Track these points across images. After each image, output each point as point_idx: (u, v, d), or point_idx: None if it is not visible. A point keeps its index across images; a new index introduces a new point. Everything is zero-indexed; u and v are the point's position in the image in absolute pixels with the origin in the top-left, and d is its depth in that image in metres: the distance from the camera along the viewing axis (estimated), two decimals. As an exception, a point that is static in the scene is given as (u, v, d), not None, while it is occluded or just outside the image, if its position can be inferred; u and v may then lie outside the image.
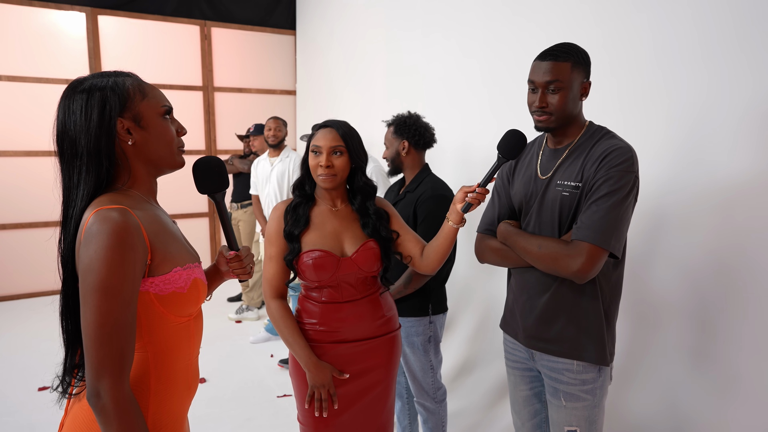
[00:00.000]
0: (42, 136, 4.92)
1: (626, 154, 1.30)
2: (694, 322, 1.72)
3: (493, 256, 1.55)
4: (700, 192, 1.68)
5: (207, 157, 1.10)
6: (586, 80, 1.38)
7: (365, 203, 1.58)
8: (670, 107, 1.81)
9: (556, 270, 1.33)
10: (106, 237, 0.86)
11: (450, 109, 3.16)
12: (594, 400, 1.41)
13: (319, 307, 1.53)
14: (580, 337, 1.39)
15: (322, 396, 1.49)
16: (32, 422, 2.73)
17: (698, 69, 1.73)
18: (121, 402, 0.87)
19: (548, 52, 1.36)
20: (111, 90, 0.96)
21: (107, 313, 0.86)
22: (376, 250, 1.54)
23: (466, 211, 1.41)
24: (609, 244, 1.27)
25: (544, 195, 1.42)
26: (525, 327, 1.49)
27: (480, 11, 2.86)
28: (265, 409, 2.89)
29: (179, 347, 1.03)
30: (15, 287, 4.99)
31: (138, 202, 0.99)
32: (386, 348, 1.60)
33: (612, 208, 1.27)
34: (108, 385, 0.86)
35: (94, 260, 0.86)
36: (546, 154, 1.48)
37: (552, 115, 1.37)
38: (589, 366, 1.40)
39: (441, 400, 2.10)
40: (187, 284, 1.01)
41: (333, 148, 1.49)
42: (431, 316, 2.03)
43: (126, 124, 0.97)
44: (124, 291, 0.88)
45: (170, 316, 0.99)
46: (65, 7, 4.89)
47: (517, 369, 1.59)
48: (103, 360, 0.86)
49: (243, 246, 1.20)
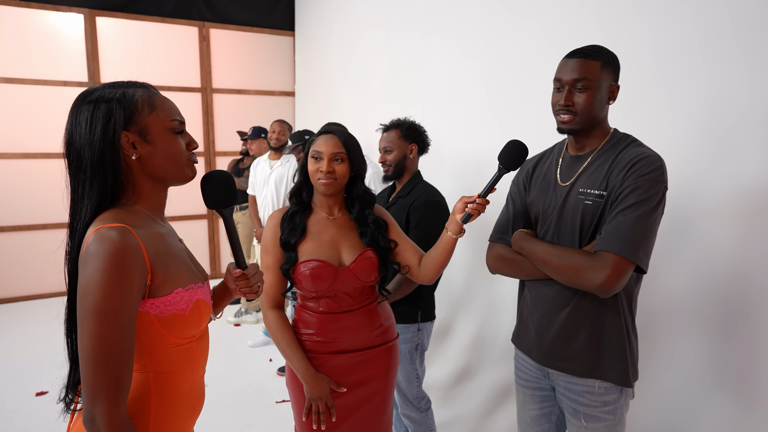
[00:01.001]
0: (40, 139, 4.91)
1: (656, 162, 1.22)
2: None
3: (506, 267, 1.47)
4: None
5: (216, 171, 1.06)
6: (615, 83, 1.31)
7: (364, 212, 1.56)
8: (670, 109, 1.79)
9: (577, 283, 1.24)
10: (103, 258, 0.84)
11: (450, 111, 3.14)
12: (615, 419, 1.33)
13: (316, 318, 1.51)
14: (602, 355, 1.31)
15: (320, 408, 1.47)
16: (29, 427, 2.71)
17: (698, 72, 1.70)
18: (116, 428, 0.85)
19: (578, 50, 1.30)
20: (117, 102, 0.93)
21: (103, 338, 0.84)
22: (374, 260, 1.52)
23: (465, 222, 1.38)
24: (636, 256, 1.19)
25: (565, 203, 1.34)
26: (541, 344, 1.40)
27: (480, 12, 2.84)
28: (264, 415, 2.86)
29: (182, 369, 1.01)
30: (13, 290, 4.97)
31: (142, 220, 0.96)
32: (384, 358, 1.58)
33: (640, 218, 1.19)
34: (102, 410, 0.84)
35: (90, 282, 0.84)
36: (566, 160, 1.40)
37: (577, 116, 1.29)
38: (611, 387, 1.31)
39: (425, 409, 2.08)
40: (189, 306, 0.98)
41: (334, 154, 1.47)
42: (420, 324, 2.01)
43: (131, 138, 0.95)
44: (121, 315, 0.86)
45: (171, 338, 0.97)
46: (63, 9, 4.87)
47: (527, 387, 1.51)
48: (98, 385, 0.84)
49: (251, 264, 1.15)
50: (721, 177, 1.63)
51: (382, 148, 2.10)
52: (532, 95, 2.47)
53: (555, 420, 1.51)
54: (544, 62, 2.38)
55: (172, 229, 1.12)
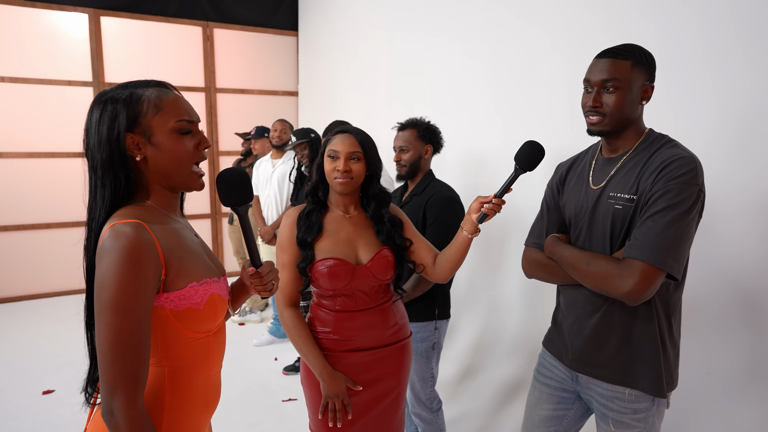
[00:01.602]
0: (44, 138, 4.91)
1: (689, 164, 1.17)
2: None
3: (539, 271, 1.44)
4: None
5: (232, 168, 1.07)
6: (649, 83, 1.27)
7: (380, 210, 1.57)
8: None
9: (605, 290, 1.21)
10: (118, 253, 0.86)
11: (454, 112, 3.15)
12: (646, 427, 1.29)
13: (332, 316, 1.52)
14: (633, 363, 1.28)
15: (336, 406, 1.48)
16: (37, 426, 2.71)
17: (703, 76, 1.71)
18: (134, 421, 0.87)
19: (608, 50, 1.26)
20: (123, 103, 0.95)
21: (120, 331, 0.86)
22: (390, 258, 1.53)
23: (481, 222, 1.39)
24: (666, 263, 1.14)
25: (596, 207, 1.31)
26: (573, 349, 1.38)
27: (484, 14, 2.85)
28: (270, 414, 2.87)
29: (198, 364, 1.02)
30: (16, 289, 4.97)
31: (156, 216, 0.98)
32: (398, 356, 1.59)
33: (670, 223, 1.14)
34: (121, 403, 0.86)
35: (107, 277, 0.86)
36: (599, 163, 1.37)
37: (606, 117, 1.26)
38: (642, 395, 1.28)
39: (437, 409, 2.08)
40: (204, 300, 0.99)
41: (351, 153, 1.48)
42: (437, 321, 2.02)
43: (136, 139, 0.96)
44: (137, 308, 0.87)
45: (187, 332, 0.98)
46: (68, 9, 4.87)
47: (547, 386, 1.49)
48: (117, 378, 0.86)
49: (266, 261, 1.15)
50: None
51: (397, 146, 2.09)
52: (537, 98, 2.49)
53: (565, 425, 1.48)
54: (549, 65, 2.40)
55: (187, 224, 1.13)
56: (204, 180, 1.05)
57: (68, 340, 3.95)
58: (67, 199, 5.03)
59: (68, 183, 5.01)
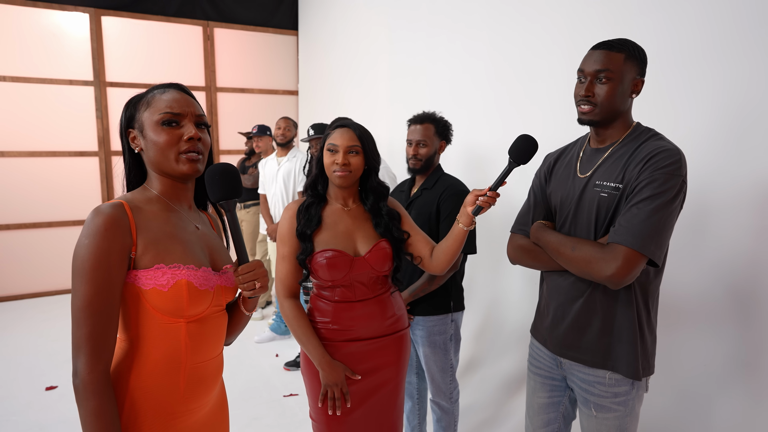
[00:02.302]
0: (45, 137, 4.94)
1: (674, 156, 1.22)
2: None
3: (524, 257, 1.49)
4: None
5: (219, 164, 1.07)
6: (640, 77, 1.31)
7: (378, 203, 1.59)
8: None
9: (589, 274, 1.26)
10: (89, 228, 0.96)
11: (455, 111, 3.17)
12: (626, 410, 1.34)
13: (332, 306, 1.55)
14: (613, 346, 1.32)
15: (335, 395, 1.50)
16: (40, 421, 2.74)
17: (700, 71, 1.74)
18: (95, 381, 0.93)
19: (603, 42, 1.31)
20: (128, 103, 1.11)
21: (84, 296, 0.94)
22: (388, 250, 1.55)
23: (476, 214, 1.42)
24: (648, 249, 1.19)
25: (582, 195, 1.36)
26: (556, 334, 1.43)
27: (485, 13, 2.87)
28: (272, 409, 2.90)
29: (169, 350, 1.03)
30: (18, 287, 5.00)
31: (150, 201, 1.08)
32: (396, 346, 1.62)
33: (654, 211, 1.19)
34: (83, 363, 0.94)
35: (78, 246, 0.96)
36: (587, 152, 1.42)
37: (596, 107, 1.30)
38: (622, 379, 1.33)
39: (456, 399, 2.12)
40: (170, 284, 1.01)
41: (350, 147, 1.50)
42: (453, 314, 2.05)
43: (134, 133, 1.10)
44: (100, 277, 0.95)
45: (156, 314, 1.01)
46: (69, 8, 4.90)
47: (539, 375, 1.54)
48: (80, 339, 0.94)
49: (254, 260, 1.10)
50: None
51: (414, 140, 2.05)
52: (538, 94, 2.51)
53: (563, 410, 1.53)
54: (550, 61, 2.42)
55: (198, 217, 1.17)
56: (199, 167, 1.08)
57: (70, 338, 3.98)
58: (68, 198, 5.06)
59: (69, 182, 5.05)
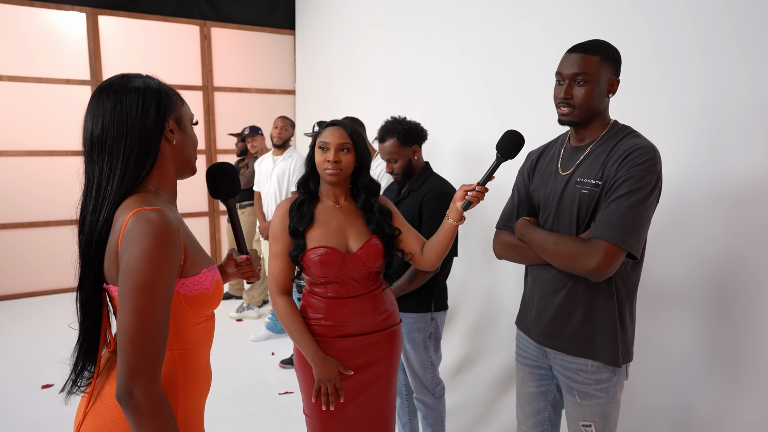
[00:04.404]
0: (42, 137, 4.94)
1: (649, 153, 1.28)
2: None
3: (509, 253, 1.54)
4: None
5: (220, 163, 1.14)
6: (615, 77, 1.37)
7: (370, 200, 1.61)
8: (668, 104, 1.84)
9: (572, 268, 1.32)
10: (151, 237, 0.88)
11: (450, 110, 3.19)
12: (608, 397, 1.41)
13: (324, 303, 1.56)
14: (594, 336, 1.38)
15: (329, 390, 1.52)
16: (36, 420, 2.75)
17: (696, 67, 1.76)
18: (155, 401, 0.88)
19: (579, 45, 1.36)
20: (165, 91, 1.02)
21: (149, 313, 0.88)
22: (379, 247, 1.57)
23: (466, 209, 1.44)
24: (627, 243, 1.25)
25: (563, 192, 1.41)
26: (540, 325, 1.49)
27: (480, 12, 2.89)
28: (267, 406, 2.91)
29: (200, 346, 1.07)
30: (15, 286, 5.00)
31: (167, 205, 1.01)
32: (388, 342, 1.63)
33: (632, 207, 1.25)
34: (142, 384, 0.87)
35: (139, 260, 0.87)
36: (568, 151, 1.47)
37: (575, 109, 1.35)
38: (603, 366, 1.39)
39: (440, 395, 2.13)
40: (212, 285, 1.04)
41: (340, 144, 1.52)
42: (433, 313, 2.06)
43: (171, 125, 1.02)
44: (165, 291, 0.90)
45: (193, 317, 1.03)
46: (65, 8, 4.90)
47: (526, 366, 1.59)
48: (141, 359, 0.87)
49: (251, 250, 1.26)
50: (717, 170, 1.69)
51: (385, 158, 2.08)
52: (532, 91, 2.53)
53: (551, 398, 1.58)
54: (545, 58, 2.44)
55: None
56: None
57: (67, 336, 3.99)
58: (65, 197, 5.06)
59: (67, 181, 5.05)
